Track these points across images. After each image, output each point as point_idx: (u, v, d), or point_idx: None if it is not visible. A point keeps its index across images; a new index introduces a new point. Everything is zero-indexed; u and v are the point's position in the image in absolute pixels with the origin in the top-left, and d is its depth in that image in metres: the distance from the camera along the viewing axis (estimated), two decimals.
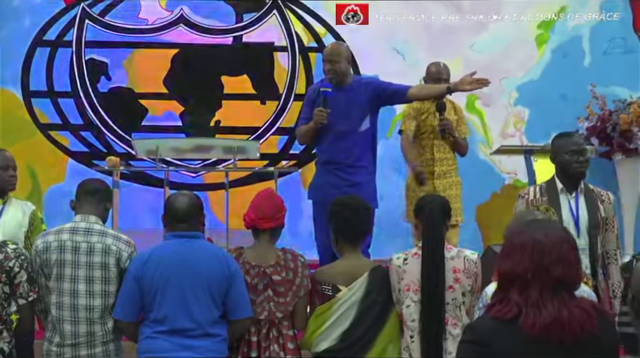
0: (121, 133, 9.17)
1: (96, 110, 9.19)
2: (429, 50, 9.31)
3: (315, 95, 6.85)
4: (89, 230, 4.82)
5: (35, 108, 9.16)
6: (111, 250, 4.76)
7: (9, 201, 5.55)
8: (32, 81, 9.16)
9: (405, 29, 9.33)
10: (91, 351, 4.75)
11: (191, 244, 4.71)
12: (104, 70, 9.27)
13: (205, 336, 4.64)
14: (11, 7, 9.15)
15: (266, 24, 9.34)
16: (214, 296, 4.64)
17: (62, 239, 4.81)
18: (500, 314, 3.01)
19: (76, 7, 9.22)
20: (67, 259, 4.78)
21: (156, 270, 4.67)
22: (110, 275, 4.76)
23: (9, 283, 4.64)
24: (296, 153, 9.30)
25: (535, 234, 3.04)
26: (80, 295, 4.75)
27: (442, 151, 7.31)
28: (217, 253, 4.75)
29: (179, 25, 9.30)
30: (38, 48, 9.17)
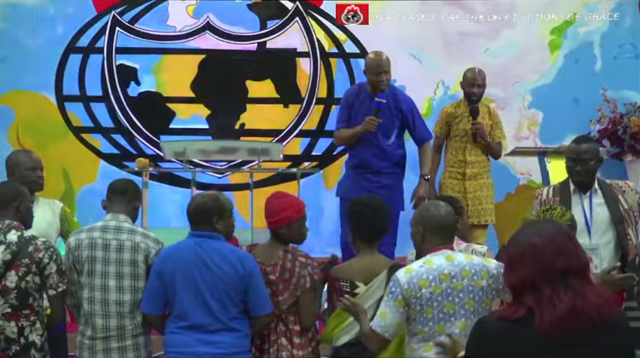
0: (150, 136, 9.21)
1: (126, 113, 9.23)
2: (444, 54, 9.30)
3: (354, 100, 6.91)
4: (119, 228, 4.87)
5: (68, 112, 9.21)
6: (140, 248, 4.80)
7: (37, 201, 5.60)
8: (66, 86, 9.21)
9: (420, 34, 9.32)
10: (121, 344, 4.80)
11: (207, 244, 4.72)
12: (133, 75, 9.31)
13: (225, 331, 4.67)
14: (46, 15, 9.21)
15: (288, 30, 9.35)
16: (231, 294, 4.67)
17: (93, 237, 4.86)
18: (506, 313, 3.01)
19: (107, 15, 9.26)
20: (98, 256, 4.84)
21: (174, 267, 4.72)
22: (139, 271, 4.80)
23: (39, 274, 4.69)
24: (317, 154, 9.31)
25: (529, 238, 3.06)
26: (111, 290, 4.79)
27: (474, 154, 7.48)
28: (230, 253, 4.74)
29: (206, 32, 9.32)
30: (70, 55, 9.22)
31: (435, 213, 4.27)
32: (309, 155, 9.33)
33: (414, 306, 4.05)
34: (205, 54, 9.34)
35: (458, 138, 7.47)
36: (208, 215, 4.76)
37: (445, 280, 4.05)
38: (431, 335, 4.06)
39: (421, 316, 4.06)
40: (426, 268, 4.09)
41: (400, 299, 4.06)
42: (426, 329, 4.06)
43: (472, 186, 7.44)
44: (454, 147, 7.49)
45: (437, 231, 4.22)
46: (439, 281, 4.05)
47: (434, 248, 4.18)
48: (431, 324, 4.05)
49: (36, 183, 5.57)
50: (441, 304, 4.04)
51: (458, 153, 7.46)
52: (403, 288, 4.06)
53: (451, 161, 7.52)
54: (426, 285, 4.04)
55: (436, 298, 4.04)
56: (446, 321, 4.04)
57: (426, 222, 4.25)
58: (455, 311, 4.04)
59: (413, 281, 4.05)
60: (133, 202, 5.00)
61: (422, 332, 4.07)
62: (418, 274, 4.07)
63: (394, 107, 7.08)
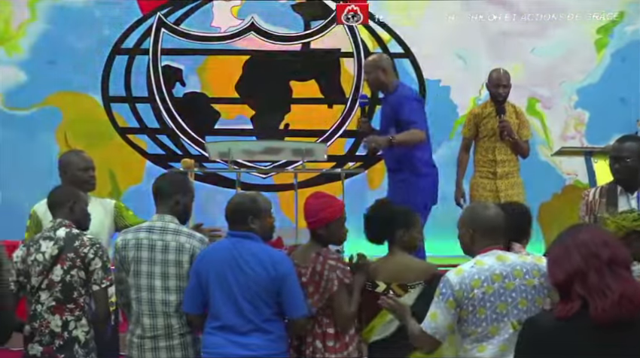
0: (195, 136, 9.26)
1: (171, 114, 9.29)
2: (490, 54, 9.24)
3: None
4: (164, 229, 4.87)
5: (115, 113, 9.29)
6: (185, 248, 4.80)
7: (89, 201, 5.63)
8: (112, 87, 9.28)
9: (465, 34, 9.27)
10: (169, 343, 4.81)
11: (241, 244, 4.69)
12: (179, 76, 9.37)
13: (256, 332, 4.63)
14: (92, 17, 9.29)
15: (332, 31, 9.35)
16: (263, 296, 4.62)
17: (139, 237, 4.88)
18: (563, 312, 3.00)
19: (152, 16, 9.33)
20: (143, 257, 4.85)
21: (208, 267, 4.71)
22: (183, 272, 4.80)
23: (84, 269, 4.72)
24: (362, 154, 9.30)
25: (572, 235, 3.12)
26: (157, 290, 4.81)
27: (503, 153, 7.51)
28: (263, 254, 4.67)
29: (250, 32, 9.35)
30: (117, 56, 9.30)
31: (484, 214, 4.24)
32: (353, 155, 9.32)
33: (466, 307, 4.03)
34: (249, 55, 9.37)
35: (487, 138, 7.55)
36: (244, 215, 4.72)
37: (497, 280, 4.03)
38: (485, 336, 4.03)
39: (473, 317, 4.03)
40: (477, 269, 4.06)
41: (451, 301, 4.04)
42: (479, 329, 4.04)
43: (504, 184, 7.51)
44: (483, 147, 7.57)
45: (487, 232, 4.19)
46: (491, 281, 4.03)
47: (484, 249, 4.16)
48: (485, 325, 4.03)
49: (88, 183, 5.60)
50: (494, 305, 4.01)
51: (487, 152, 7.54)
52: (454, 289, 4.04)
53: (481, 161, 7.59)
54: (478, 285, 4.02)
55: (488, 299, 4.01)
56: (500, 321, 4.02)
57: (475, 223, 4.22)
58: (508, 311, 4.02)
59: (465, 282, 4.03)
60: (173, 197, 4.94)
61: (474, 333, 4.05)
62: (469, 275, 4.05)
63: (391, 107, 7.11)
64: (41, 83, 9.21)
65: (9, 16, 9.24)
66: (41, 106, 9.21)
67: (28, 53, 9.25)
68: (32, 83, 9.21)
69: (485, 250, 4.13)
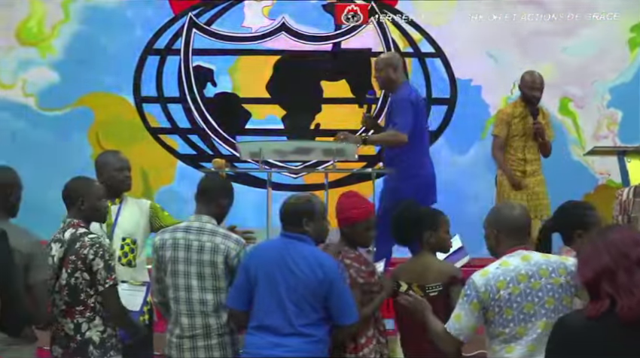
0: (226, 136, 9.29)
1: (202, 114, 9.33)
2: (521, 53, 9.20)
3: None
4: (201, 229, 4.89)
5: (146, 113, 9.34)
6: (220, 249, 4.82)
7: (125, 200, 5.65)
8: (143, 87, 9.33)
9: (496, 33, 9.23)
10: (207, 343, 4.83)
11: (293, 246, 4.69)
12: (210, 76, 9.40)
13: (296, 335, 4.60)
14: (124, 18, 9.34)
15: (363, 31, 9.35)
16: (309, 299, 4.59)
17: (176, 237, 4.91)
18: (593, 312, 3.00)
19: (184, 16, 9.36)
20: (180, 256, 4.88)
21: (257, 264, 4.72)
22: (219, 272, 4.82)
23: (87, 271, 4.67)
24: None
25: (602, 236, 3.12)
26: (194, 290, 4.83)
27: (532, 152, 7.70)
28: (313, 257, 4.65)
29: (281, 32, 9.37)
30: (148, 56, 9.35)
31: (509, 214, 4.23)
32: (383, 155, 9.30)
33: (492, 308, 4.02)
34: (280, 55, 9.38)
35: (517, 137, 7.68)
36: (298, 217, 4.72)
37: (523, 280, 4.02)
38: (513, 337, 4.02)
39: (500, 318, 4.03)
40: (502, 270, 4.06)
41: (475, 303, 4.04)
42: (507, 330, 4.03)
43: (532, 182, 7.66)
44: (512, 146, 7.70)
45: (512, 232, 4.18)
46: (517, 282, 4.02)
47: (509, 249, 4.14)
48: (512, 325, 4.02)
49: (124, 183, 5.63)
50: (520, 305, 4.01)
51: (517, 151, 7.68)
52: (479, 291, 4.03)
53: (510, 159, 7.71)
54: (504, 286, 4.01)
55: (515, 300, 4.01)
56: (527, 322, 4.01)
57: (500, 223, 4.21)
58: (535, 311, 4.01)
59: (490, 284, 4.02)
60: (217, 200, 4.98)
61: (502, 334, 4.04)
62: (495, 276, 4.04)
63: (389, 106, 7.29)
64: (73, 83, 9.26)
65: (43, 17, 9.31)
66: (74, 107, 9.26)
67: (61, 53, 9.31)
68: (65, 83, 9.27)
69: (510, 251, 4.12)
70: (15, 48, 9.27)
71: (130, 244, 5.54)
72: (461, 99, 9.24)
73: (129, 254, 5.54)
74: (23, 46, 9.27)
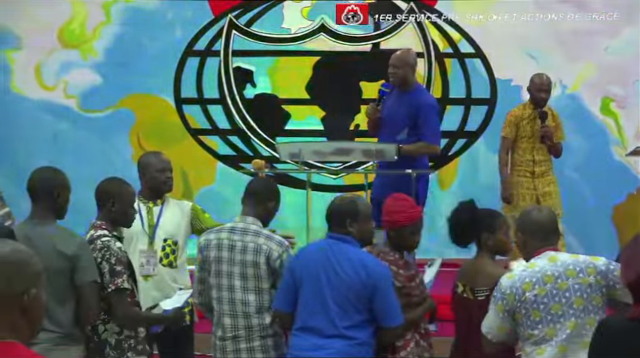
0: (266, 137, 9.32)
1: (242, 115, 9.36)
2: (561, 53, 9.14)
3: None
4: (245, 230, 4.93)
5: (186, 114, 9.39)
6: (262, 249, 4.84)
7: (167, 202, 5.68)
8: (183, 89, 9.39)
9: (536, 33, 9.17)
10: (250, 345, 4.84)
11: (337, 247, 4.69)
12: (250, 77, 9.44)
13: (339, 337, 4.59)
14: (165, 19, 9.40)
15: (403, 31, 9.33)
16: (353, 301, 4.59)
17: (220, 238, 4.95)
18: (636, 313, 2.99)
19: (224, 18, 9.40)
20: (224, 257, 4.92)
21: (302, 265, 4.75)
22: (261, 273, 4.84)
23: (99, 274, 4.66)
24: None
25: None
26: (237, 290, 4.86)
27: (540, 154, 7.91)
28: (357, 259, 4.64)
29: (320, 33, 9.38)
30: (188, 58, 9.40)
31: (536, 217, 4.23)
32: None
33: (519, 310, 4.02)
34: (319, 56, 9.40)
35: (526, 139, 7.89)
36: (342, 218, 4.72)
37: (549, 281, 4.02)
38: (542, 338, 4.02)
39: (528, 320, 4.02)
40: (529, 272, 4.07)
41: (500, 305, 4.06)
42: (536, 332, 4.02)
43: (541, 183, 7.87)
44: (521, 147, 7.91)
45: (538, 234, 4.18)
46: (542, 283, 4.02)
47: (537, 251, 4.14)
48: (540, 327, 4.01)
49: (165, 185, 5.65)
50: (548, 306, 4.00)
51: (526, 153, 7.90)
52: (505, 293, 4.05)
53: (519, 161, 7.94)
54: (529, 288, 4.01)
55: (541, 301, 4.00)
56: (556, 323, 4.00)
57: (526, 226, 4.21)
58: (563, 312, 4.00)
59: (516, 286, 4.04)
60: (265, 203, 5.00)
61: (532, 336, 4.03)
62: (520, 278, 4.06)
63: (407, 105, 7.21)
64: (114, 85, 9.34)
65: (85, 19, 9.39)
66: (115, 108, 9.34)
67: (102, 55, 9.38)
68: (106, 85, 9.35)
69: (538, 253, 4.11)
70: (57, 50, 9.36)
71: (172, 246, 5.57)
72: (501, 99, 9.19)
73: (171, 255, 5.57)
74: (65, 48, 9.36)
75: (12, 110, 9.28)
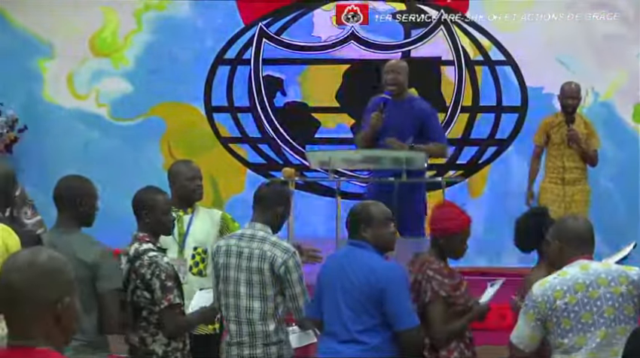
0: (296, 145, 9.34)
1: (272, 123, 9.40)
2: (593, 60, 9.10)
3: (375, 106, 7.38)
4: (252, 236, 4.93)
5: (217, 122, 9.43)
6: (266, 256, 4.84)
7: (197, 210, 5.69)
8: (214, 97, 9.44)
9: (568, 39, 9.14)
10: (252, 352, 4.85)
11: (353, 253, 4.74)
12: (280, 86, 9.47)
13: (352, 342, 4.63)
14: (195, 28, 9.46)
15: (433, 39, 9.33)
16: (365, 304, 4.61)
17: (229, 244, 4.97)
18: None
19: (254, 26, 9.45)
20: (231, 263, 4.93)
21: (323, 272, 4.82)
22: (265, 280, 4.85)
23: (146, 290, 4.67)
24: (463, 163, 9.26)
25: None
26: (242, 296, 4.88)
27: (572, 160, 8.04)
28: (368, 263, 4.66)
29: (350, 41, 9.40)
30: (219, 66, 9.45)
31: (572, 226, 4.21)
32: (454, 163, 9.28)
33: (550, 318, 4.01)
34: (349, 64, 9.42)
35: (556, 146, 8.05)
36: (357, 224, 4.75)
37: (580, 289, 4.00)
38: (572, 347, 4.00)
39: (558, 328, 4.01)
40: (560, 280, 4.05)
41: (530, 313, 4.04)
42: (566, 340, 4.01)
43: (570, 190, 8.01)
44: (552, 154, 8.08)
45: (574, 242, 4.15)
46: (573, 291, 4.00)
47: (570, 259, 4.12)
48: (571, 335, 3.99)
49: (195, 193, 5.64)
50: (578, 315, 3.98)
51: (556, 159, 8.04)
52: (536, 301, 4.04)
53: (551, 167, 8.10)
54: (560, 296, 3.99)
55: (572, 309, 3.98)
56: (586, 331, 3.98)
57: (562, 234, 4.19)
58: (594, 321, 3.98)
59: (547, 294, 4.02)
60: (273, 208, 4.99)
61: (562, 345, 4.02)
62: (551, 286, 4.04)
63: (410, 112, 7.27)
64: (145, 93, 9.41)
65: (116, 27, 9.47)
66: (146, 116, 9.41)
67: (133, 64, 9.46)
68: (137, 93, 9.42)
69: (570, 260, 4.10)
70: (89, 59, 9.45)
71: (201, 254, 5.59)
72: (532, 107, 9.17)
73: (200, 264, 5.59)
74: (97, 56, 9.45)
75: (44, 119, 9.38)
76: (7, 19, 9.47)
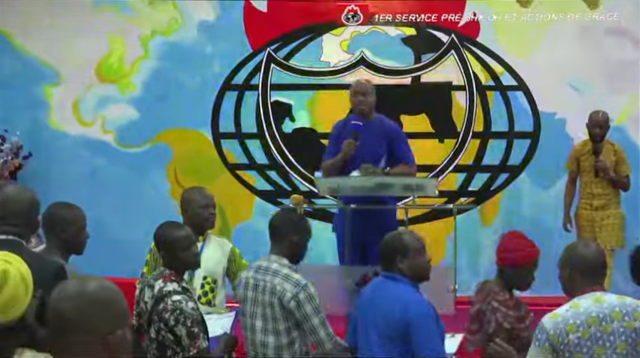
0: (304, 172, 9.33)
1: (280, 150, 9.39)
2: (607, 85, 9.08)
3: (341, 130, 7.30)
4: (267, 269, 4.91)
5: (224, 149, 9.43)
6: (276, 291, 4.81)
7: (208, 238, 5.68)
8: (221, 123, 9.44)
9: (580, 64, 9.12)
10: None
11: (385, 285, 4.71)
12: (288, 111, 9.48)
13: None
14: (203, 54, 9.48)
15: (444, 64, 9.34)
16: (393, 337, 4.58)
17: (247, 276, 4.95)
18: None
19: (262, 52, 9.47)
20: (248, 296, 4.93)
21: (358, 303, 4.85)
22: (276, 314, 4.83)
23: (170, 332, 4.64)
24: (474, 189, 9.23)
25: None
26: (257, 330, 4.86)
27: (600, 187, 8.20)
28: (398, 297, 4.62)
29: (360, 66, 9.41)
30: (226, 92, 9.46)
31: (584, 253, 4.15)
32: (465, 190, 9.26)
33: (562, 353, 3.94)
34: None
35: (586, 173, 8.25)
36: (391, 254, 4.68)
37: (593, 323, 3.94)
38: None
39: None
40: (572, 313, 3.98)
41: (546, 346, 3.97)
42: None
43: (599, 215, 8.17)
44: (583, 180, 8.28)
45: (586, 271, 4.09)
46: (587, 325, 3.93)
47: (583, 290, 4.06)
48: None
49: (208, 221, 5.63)
50: (591, 350, 3.92)
51: (587, 186, 8.24)
52: (549, 334, 3.97)
53: (582, 193, 8.31)
54: (573, 330, 3.93)
55: (585, 344, 3.93)
56: None
57: (573, 262, 4.13)
58: (607, 356, 3.92)
59: (559, 327, 3.96)
60: (288, 238, 4.95)
61: None
62: (564, 320, 3.97)
63: (381, 132, 7.21)
64: (152, 120, 9.42)
65: (123, 53, 9.50)
66: (153, 143, 9.42)
67: (140, 90, 9.48)
68: (144, 120, 9.43)
69: (583, 291, 4.04)
70: (95, 85, 9.48)
71: (211, 283, 5.57)
72: (544, 133, 9.15)
73: (209, 293, 5.56)
74: (103, 83, 9.48)
75: (50, 146, 9.39)
76: (13, 44, 9.51)
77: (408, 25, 9.35)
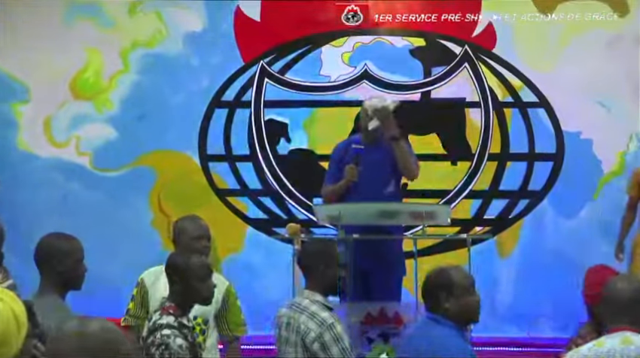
0: (302, 198, 9.31)
1: (275, 174, 9.36)
2: (637, 102, 9.07)
3: (343, 153, 7.46)
4: (299, 305, 5.08)
5: (213, 173, 9.40)
6: (300, 330, 4.99)
7: None
8: (210, 144, 9.41)
9: (608, 79, 9.12)
10: None
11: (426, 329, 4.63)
12: (284, 131, 9.46)
13: None
14: (189, 67, 9.45)
15: (456, 78, 9.33)
16: None
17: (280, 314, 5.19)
18: None
19: (255, 65, 9.45)
20: (282, 335, 5.11)
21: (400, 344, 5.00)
22: (299, 355, 4.95)
23: None
24: (491, 217, 9.20)
25: None
26: None
27: None
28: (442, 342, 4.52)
29: (363, 81, 9.40)
30: (215, 109, 9.44)
31: (620, 288, 4.14)
32: (480, 218, 9.23)
33: None
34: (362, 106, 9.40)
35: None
36: (435, 292, 4.59)
37: None
38: None
39: None
40: (595, 351, 3.99)
41: None
42: None
43: None
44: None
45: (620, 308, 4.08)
46: None
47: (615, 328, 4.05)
48: None
49: (201, 254, 5.65)
50: None
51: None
52: None
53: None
54: None
55: None
56: None
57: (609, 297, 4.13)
58: None
59: None
60: (316, 270, 5.11)
61: None
62: None
63: (390, 157, 7.31)
64: (132, 141, 9.39)
65: (100, 67, 9.48)
66: (133, 166, 9.39)
67: (119, 107, 9.45)
68: (123, 141, 9.40)
69: (615, 330, 4.03)
70: (69, 102, 9.44)
71: (201, 325, 5.54)
72: (568, 154, 9.13)
73: (200, 336, 5.53)
74: (78, 99, 9.44)
75: (18, 170, 9.36)
76: None
77: (417, 36, 9.33)
